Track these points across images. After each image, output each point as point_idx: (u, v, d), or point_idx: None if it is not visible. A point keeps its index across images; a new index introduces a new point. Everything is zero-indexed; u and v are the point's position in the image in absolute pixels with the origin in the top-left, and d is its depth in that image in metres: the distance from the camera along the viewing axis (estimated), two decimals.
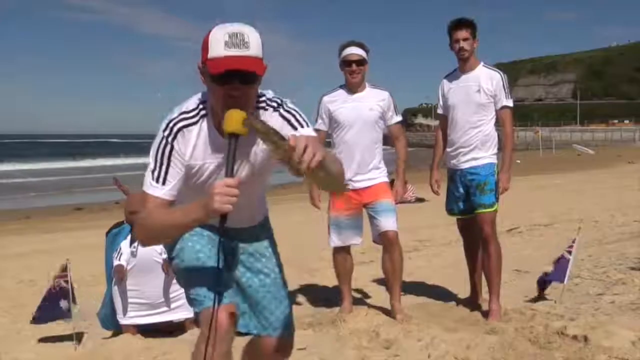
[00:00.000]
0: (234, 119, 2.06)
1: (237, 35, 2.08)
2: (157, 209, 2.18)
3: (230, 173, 2.08)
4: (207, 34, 2.14)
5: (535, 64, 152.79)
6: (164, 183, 2.20)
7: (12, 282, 7.21)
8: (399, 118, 4.63)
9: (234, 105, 2.07)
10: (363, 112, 4.47)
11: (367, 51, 4.48)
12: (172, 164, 2.21)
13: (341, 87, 4.58)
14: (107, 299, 4.72)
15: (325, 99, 4.58)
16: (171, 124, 2.22)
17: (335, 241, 4.61)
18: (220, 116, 2.13)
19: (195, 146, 2.24)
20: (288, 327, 2.56)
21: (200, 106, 2.26)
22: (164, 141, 2.21)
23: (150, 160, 2.23)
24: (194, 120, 2.24)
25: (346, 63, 4.44)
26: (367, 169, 4.50)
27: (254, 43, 2.10)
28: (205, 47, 2.12)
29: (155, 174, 2.20)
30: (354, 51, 4.43)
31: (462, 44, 4.42)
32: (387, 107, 4.54)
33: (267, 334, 2.53)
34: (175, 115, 2.24)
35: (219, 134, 2.21)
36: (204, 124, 2.24)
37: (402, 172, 4.70)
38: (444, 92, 4.66)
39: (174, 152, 2.20)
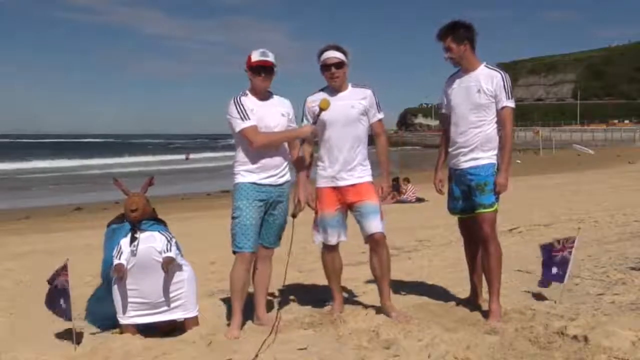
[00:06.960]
0: (326, 102, 4.41)
1: (264, 52, 4.43)
2: (260, 132, 4.37)
3: (314, 123, 4.48)
4: (249, 55, 4.43)
5: (535, 64, 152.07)
6: (249, 119, 4.36)
7: (11, 282, 7.22)
8: (381, 115, 4.65)
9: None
10: (344, 110, 4.50)
11: (345, 54, 4.51)
12: (246, 108, 4.38)
13: (323, 89, 4.62)
14: (100, 293, 4.76)
15: (309, 99, 4.63)
16: (237, 97, 4.44)
17: (319, 238, 4.64)
18: (256, 92, 4.50)
19: (249, 102, 4.43)
20: (278, 241, 4.69)
21: (245, 91, 4.49)
22: (237, 102, 4.41)
23: (235, 119, 4.37)
24: (244, 94, 4.48)
25: (326, 67, 4.49)
26: (350, 166, 4.53)
27: (271, 55, 4.45)
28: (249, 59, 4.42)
29: (242, 116, 4.36)
30: (332, 55, 4.48)
31: (445, 54, 4.52)
32: (370, 105, 4.57)
33: (267, 245, 4.61)
34: (235, 95, 4.46)
35: (255, 99, 4.45)
36: (248, 95, 4.47)
37: (386, 169, 4.69)
38: (446, 91, 4.67)
39: (242, 103, 4.40)
